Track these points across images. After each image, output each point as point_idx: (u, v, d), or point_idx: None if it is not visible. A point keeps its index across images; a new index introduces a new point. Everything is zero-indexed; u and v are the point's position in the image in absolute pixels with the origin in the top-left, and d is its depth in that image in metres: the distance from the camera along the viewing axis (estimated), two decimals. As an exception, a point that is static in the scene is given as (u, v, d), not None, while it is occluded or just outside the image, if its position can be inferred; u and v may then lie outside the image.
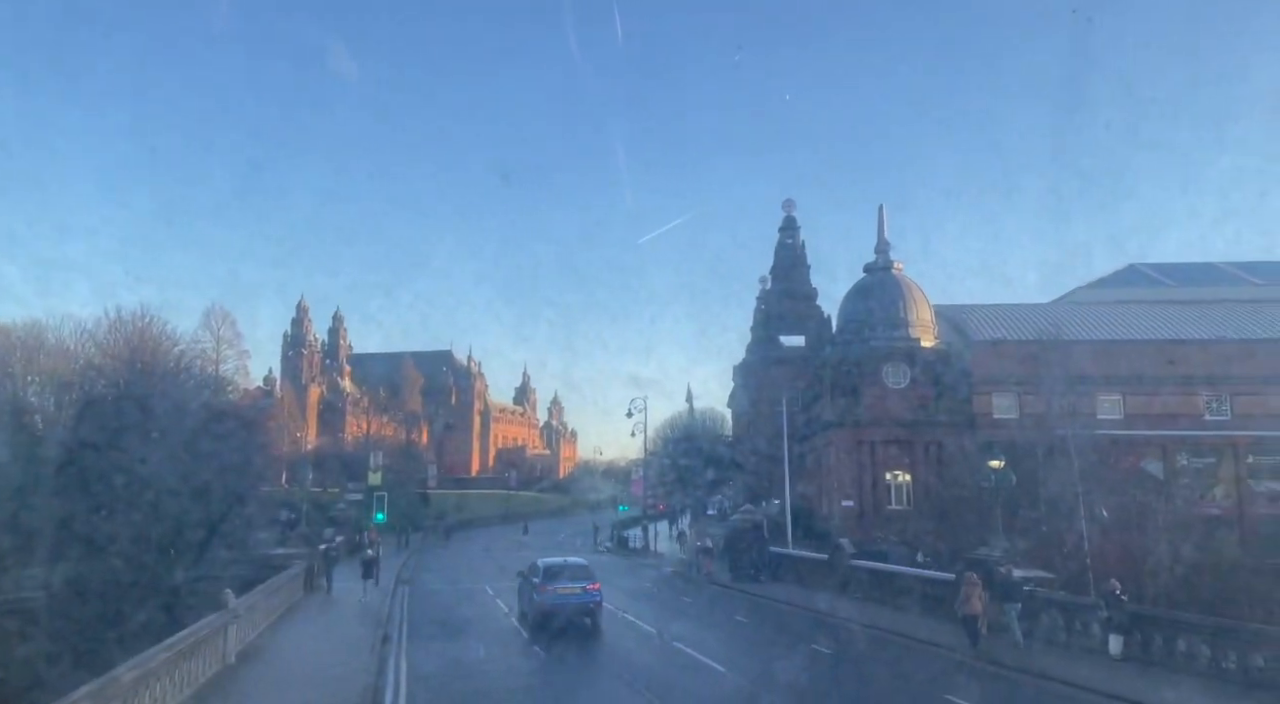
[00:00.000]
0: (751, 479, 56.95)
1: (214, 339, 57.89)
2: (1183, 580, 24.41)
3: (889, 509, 43.11)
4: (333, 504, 57.87)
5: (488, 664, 18.62)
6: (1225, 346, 43.04)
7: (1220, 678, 15.40)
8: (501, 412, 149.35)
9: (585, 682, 17.14)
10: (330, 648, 20.47)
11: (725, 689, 16.20)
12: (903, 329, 45.79)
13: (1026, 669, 17.40)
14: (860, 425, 44.31)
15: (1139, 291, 52.12)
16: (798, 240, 66.79)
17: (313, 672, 17.85)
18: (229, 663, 17.48)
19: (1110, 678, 16.08)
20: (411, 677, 17.13)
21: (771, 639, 23.06)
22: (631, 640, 21.92)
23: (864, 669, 18.62)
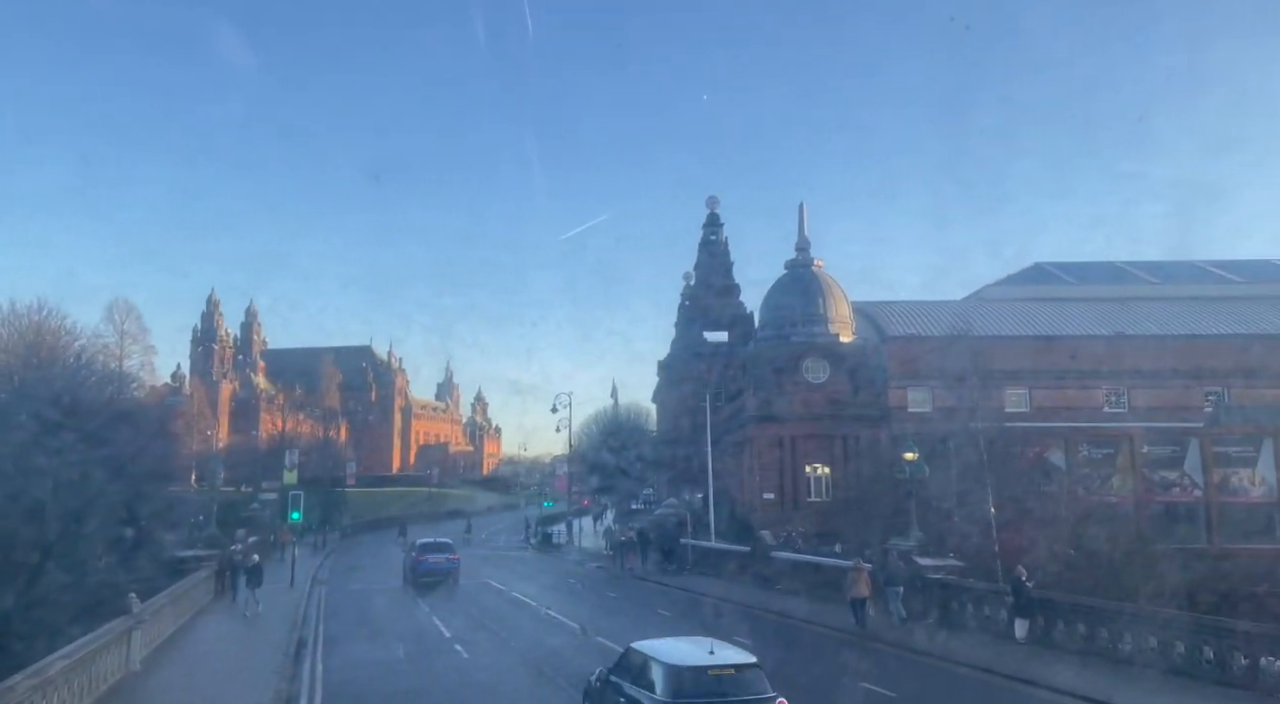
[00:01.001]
0: (675, 473, 57.38)
1: (117, 333, 55.38)
2: (1083, 567, 25.55)
3: (808, 501, 43.99)
4: (246, 504, 56.04)
5: (407, 665, 18.33)
6: (1123, 342, 45.18)
7: (1114, 658, 16.20)
8: (423, 408, 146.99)
9: (506, 680, 17.03)
10: (242, 651, 19.86)
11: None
12: (822, 325, 46.75)
13: (903, 645, 19.35)
14: (781, 419, 45.08)
15: (1044, 289, 54.23)
16: (721, 237, 67.51)
17: (223, 677, 17.28)
18: (133, 669, 16.82)
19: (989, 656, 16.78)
20: (328, 681, 16.75)
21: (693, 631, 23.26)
22: (554, 637, 21.87)
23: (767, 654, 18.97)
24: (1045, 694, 14.61)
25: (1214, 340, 45.02)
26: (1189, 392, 44.37)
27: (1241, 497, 43.25)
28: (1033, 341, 45.18)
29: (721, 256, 67.08)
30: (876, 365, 45.68)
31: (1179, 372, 44.22)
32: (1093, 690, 14.19)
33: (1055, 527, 27.97)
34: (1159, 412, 43.66)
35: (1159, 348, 44.94)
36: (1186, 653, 14.93)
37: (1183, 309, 48.99)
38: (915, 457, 25.64)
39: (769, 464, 45.03)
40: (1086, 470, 41.06)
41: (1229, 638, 14.39)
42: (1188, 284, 53.99)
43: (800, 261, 49.10)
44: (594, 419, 72.93)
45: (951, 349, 36.29)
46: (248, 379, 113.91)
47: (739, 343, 58.41)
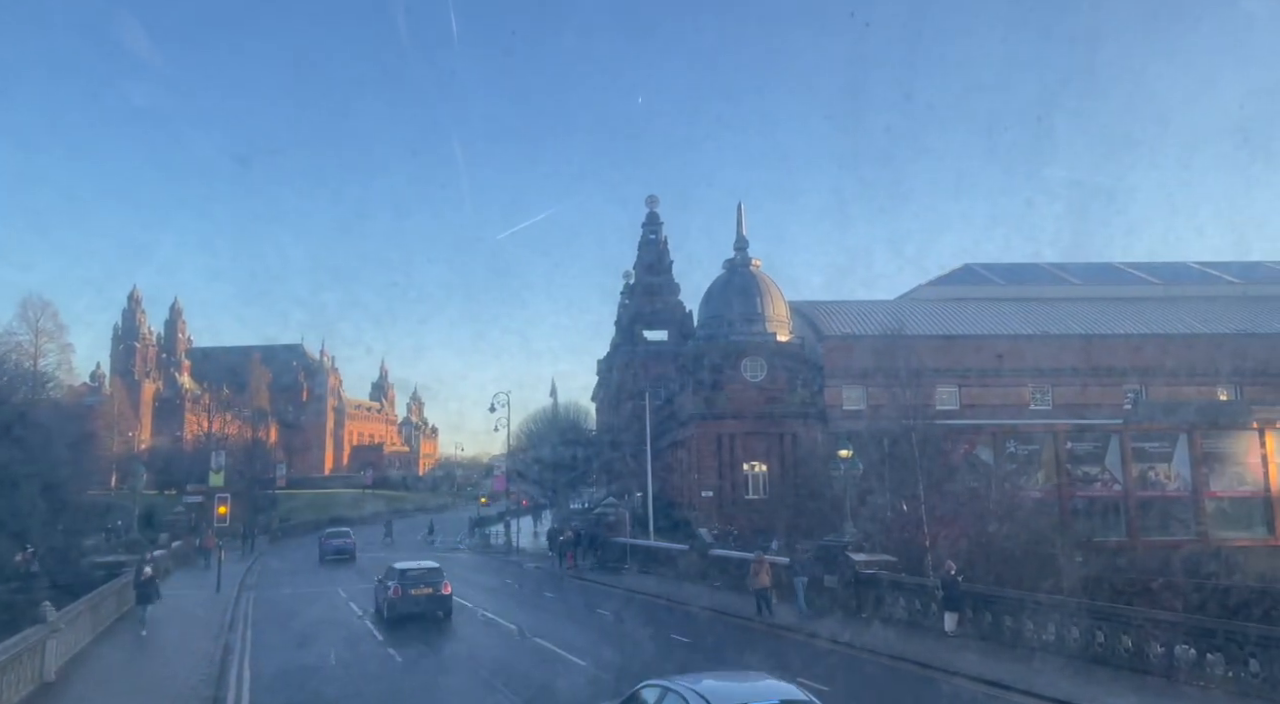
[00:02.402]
0: (615, 472, 57.38)
1: (32, 332, 53.08)
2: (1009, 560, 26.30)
3: (747, 499, 44.43)
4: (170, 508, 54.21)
5: (339, 670, 17.92)
6: (1048, 342, 46.72)
7: (1036, 647, 16.71)
8: (357, 408, 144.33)
9: (442, 683, 16.77)
10: (166, 659, 19.16)
11: (581, 679, 16.23)
12: (760, 324, 47.24)
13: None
14: (719, 418, 45.43)
15: (973, 289, 55.78)
16: (660, 236, 67.76)
17: (146, 685, 16.66)
18: (48, 680, 16.09)
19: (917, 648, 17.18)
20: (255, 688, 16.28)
21: (630, 629, 23.30)
22: (491, 638, 21.63)
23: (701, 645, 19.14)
24: (967, 683, 14.98)
25: (1134, 339, 46.85)
26: (1110, 389, 46.13)
27: (1158, 491, 45.16)
28: (962, 341, 46.42)
29: (661, 256, 67.32)
30: (813, 364, 46.38)
31: (1101, 370, 45.94)
32: (1014, 679, 14.63)
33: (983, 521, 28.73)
34: (1082, 409, 45.30)
35: (1082, 347, 46.60)
36: (1105, 640, 15.47)
37: (1105, 310, 50.87)
38: (850, 454, 26.05)
39: (708, 462, 45.34)
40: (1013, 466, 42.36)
41: (1146, 626, 14.97)
42: (1110, 286, 56.10)
43: (738, 261, 49.54)
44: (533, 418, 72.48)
45: (885, 348, 37.01)
46: (172, 378, 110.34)
47: (679, 341, 58.71)
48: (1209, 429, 44.98)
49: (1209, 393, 46.73)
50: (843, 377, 44.97)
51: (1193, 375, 45.73)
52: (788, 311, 48.81)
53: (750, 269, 49.31)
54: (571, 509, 59.56)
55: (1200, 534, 42.86)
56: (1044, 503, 39.71)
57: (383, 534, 58.14)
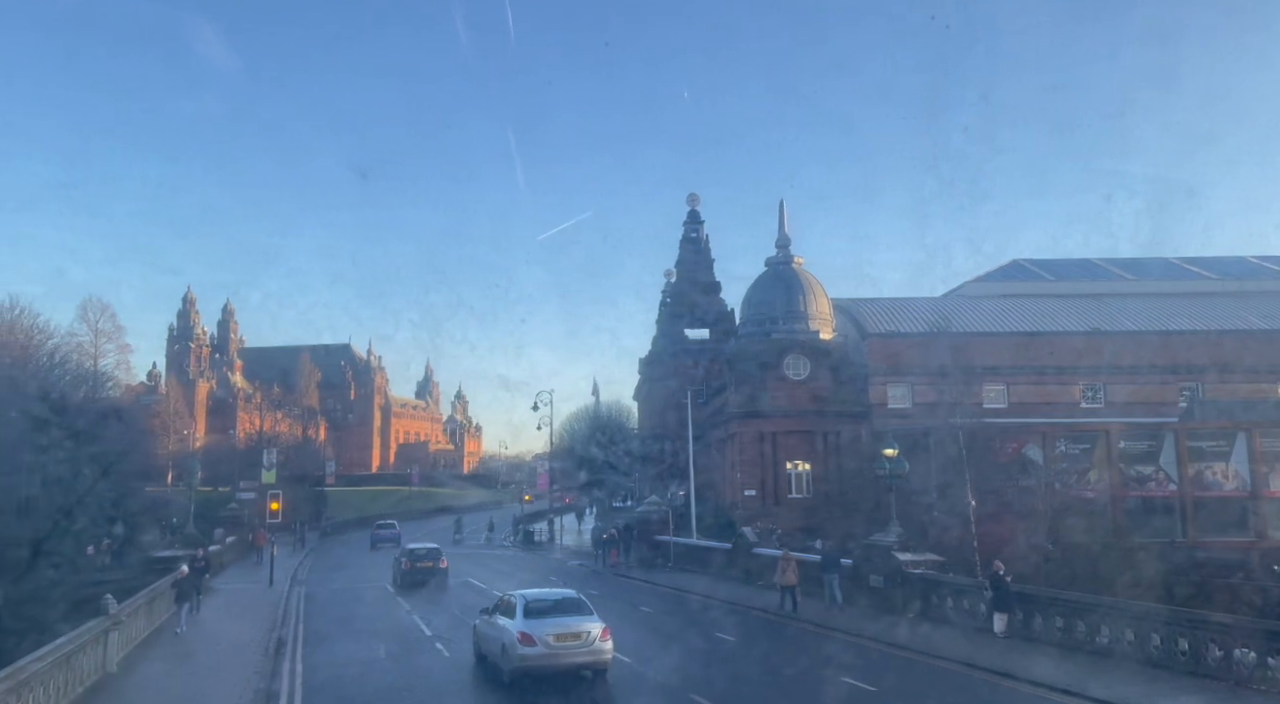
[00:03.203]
0: (658, 470, 57.45)
1: (92, 332, 54.69)
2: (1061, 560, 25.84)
3: (790, 497, 44.19)
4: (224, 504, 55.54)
5: (388, 663, 18.24)
6: (1100, 338, 45.71)
7: (1094, 651, 16.39)
8: (403, 406, 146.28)
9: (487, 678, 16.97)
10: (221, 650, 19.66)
11: (626, 676, 16.31)
12: (803, 322, 46.94)
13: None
14: (762, 416, 45.23)
15: (1022, 285, 54.78)
16: (702, 234, 67.68)
17: (204, 674, 17.12)
18: (110, 671, 16.62)
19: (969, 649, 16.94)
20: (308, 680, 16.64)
21: (673, 627, 23.36)
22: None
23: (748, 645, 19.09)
24: (1023, 687, 14.74)
25: (1189, 336, 45.63)
26: (1164, 387, 44.96)
27: (1215, 491, 43.91)
28: (1011, 338, 45.61)
29: (703, 254, 67.24)
30: (857, 362, 45.94)
31: (1154, 367, 44.80)
32: (1068, 682, 14.33)
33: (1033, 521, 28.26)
34: (1135, 407, 44.22)
35: (1135, 343, 45.50)
36: (1162, 644, 15.12)
37: (1158, 305, 49.63)
38: (895, 452, 25.75)
39: (750, 461, 45.18)
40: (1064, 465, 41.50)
41: (1203, 629, 14.59)
42: (1163, 281, 54.72)
43: (780, 259, 49.27)
44: (576, 416, 72.92)
45: (931, 345, 36.59)
46: (225, 378, 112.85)
47: (720, 340, 58.57)
48: (1269, 427, 43.64)
49: (1268, 390, 45.35)
50: (888, 374, 44.50)
51: (1251, 372, 44.43)
52: (831, 309, 48.44)
53: (792, 267, 49.02)
54: (614, 507, 59.78)
55: (1260, 535, 41.60)
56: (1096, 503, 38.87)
57: (452, 532, 59.08)
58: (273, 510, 34.78)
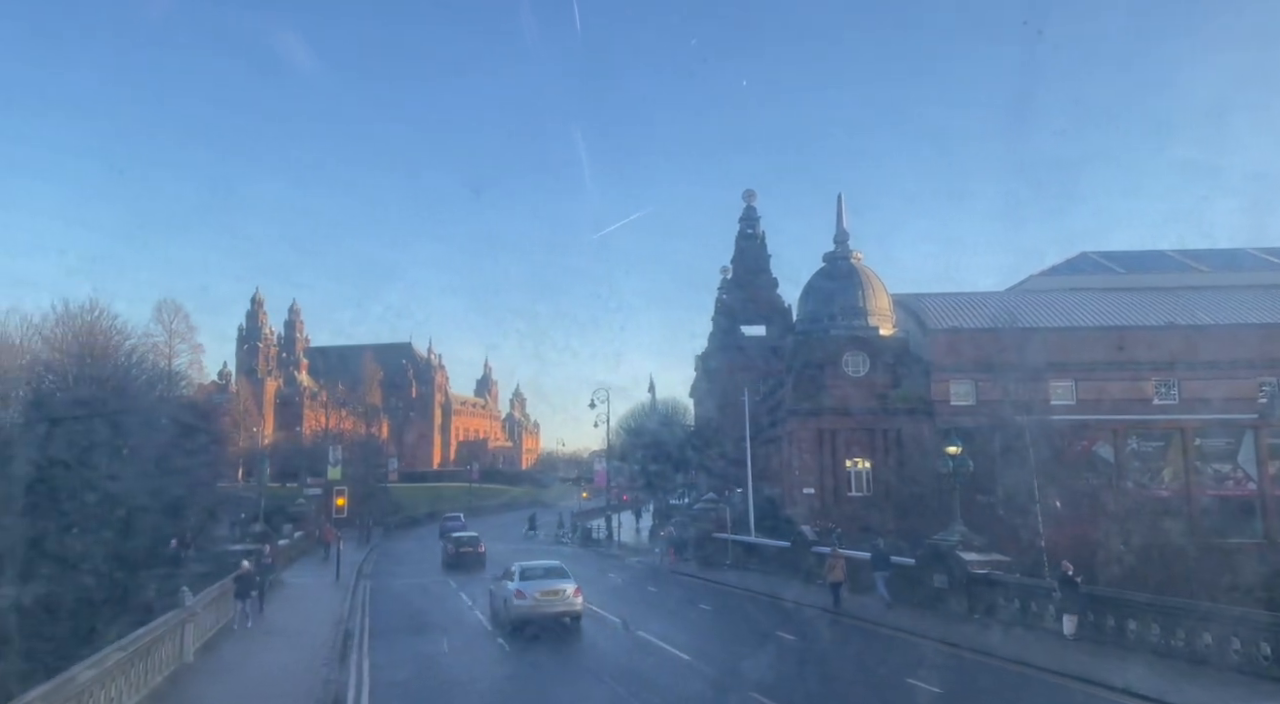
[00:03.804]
0: (715, 468, 57.25)
1: (166, 332, 56.59)
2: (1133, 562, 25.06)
3: (849, 496, 43.64)
4: (292, 500, 57.07)
5: (451, 657, 18.54)
6: (1173, 332, 44.11)
7: (1169, 655, 15.85)
8: (463, 404, 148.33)
9: (548, 673, 17.13)
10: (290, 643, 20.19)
11: (688, 676, 16.31)
12: (862, 318, 46.30)
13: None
14: (821, 414, 44.74)
15: (1090, 279, 53.15)
16: (758, 231, 67.18)
17: (275, 666, 17.61)
18: (187, 661, 17.21)
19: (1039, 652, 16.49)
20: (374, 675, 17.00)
21: (733, 626, 23.30)
22: (596, 631, 21.96)
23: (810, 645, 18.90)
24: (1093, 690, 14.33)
25: (1269, 328, 43.71)
26: (1243, 382, 43.12)
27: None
28: (1080, 332, 44.28)
29: (759, 250, 66.75)
30: (918, 358, 45.13)
31: (1232, 361, 42.98)
32: (1146, 688, 13.87)
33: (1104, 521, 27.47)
34: (1212, 403, 42.52)
35: (1211, 337, 43.77)
36: (1243, 649, 14.56)
37: (1235, 297, 47.68)
38: (959, 450, 25.25)
39: (809, 458, 44.74)
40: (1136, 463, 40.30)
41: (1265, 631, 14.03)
42: (1240, 272, 52.55)
43: (839, 254, 48.65)
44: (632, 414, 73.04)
45: (996, 341, 35.79)
46: (291, 376, 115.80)
47: (778, 336, 58.10)
48: (1357, 424, 41.67)
49: (1356, 386, 43.26)
50: (950, 371, 43.60)
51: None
52: (891, 305, 47.67)
53: (851, 262, 48.36)
54: (671, 505, 59.80)
55: (1348, 536, 39.80)
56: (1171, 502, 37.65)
57: (526, 528, 60.01)
58: (339, 506, 35.62)
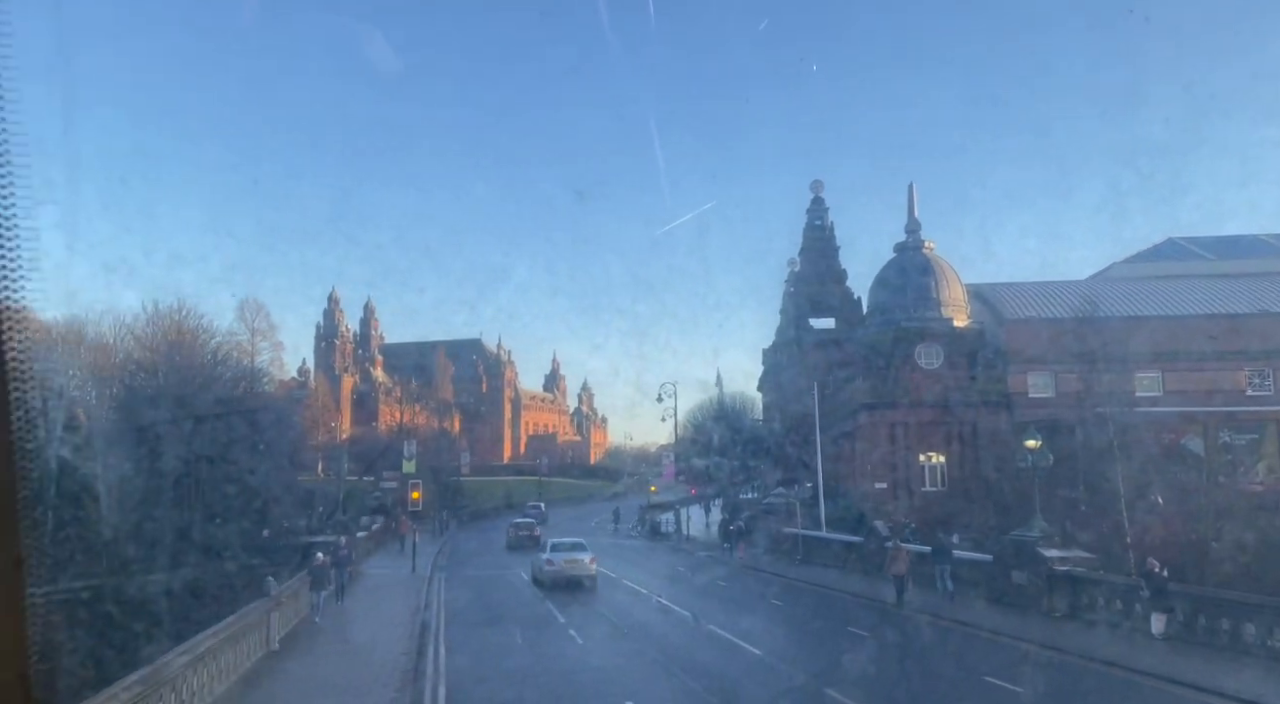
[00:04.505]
0: (783, 462, 56.77)
1: (248, 331, 58.59)
2: (1226, 559, 24.02)
3: (923, 490, 42.82)
4: (370, 493, 58.62)
5: (525, 648, 18.81)
6: (1268, 319, 42.06)
7: (1266, 656, 15.17)
8: (532, 399, 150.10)
9: (620, 665, 17.26)
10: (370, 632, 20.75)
11: (760, 671, 16.24)
12: (935, 309, 45.32)
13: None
14: (892, 407, 43.97)
15: (1178, 265, 51.02)
16: (826, 222, 66.17)
17: (356, 654, 18.13)
18: (273, 648, 17.83)
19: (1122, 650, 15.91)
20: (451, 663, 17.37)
21: (804, 621, 23.10)
22: (667, 625, 22.04)
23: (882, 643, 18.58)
24: (1185, 692, 13.80)
25: (1374, 316, 41.36)
26: (1345, 372, 40.95)
27: None
28: (1167, 321, 42.49)
29: (827, 242, 65.77)
30: (994, 350, 43.98)
31: (1334, 350, 40.83)
32: (1242, 690, 13.29)
33: (1195, 517, 26.39)
34: (1311, 394, 40.44)
35: (1310, 325, 41.63)
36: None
37: (1337, 283, 45.21)
38: (1038, 444, 24.54)
39: (881, 453, 44.03)
40: (1228, 457, 38.57)
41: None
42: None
43: (910, 244, 47.68)
44: (700, 408, 72.92)
45: (1076, 331, 34.65)
46: (367, 372, 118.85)
47: (847, 329, 57.23)
48: None
49: None
50: (1028, 362, 42.34)
51: None
52: (965, 295, 46.53)
53: (923, 252, 47.35)
54: (740, 499, 59.52)
55: None
56: (1265, 497, 35.91)
57: (613, 521, 61.09)
58: (414, 499, 36.41)
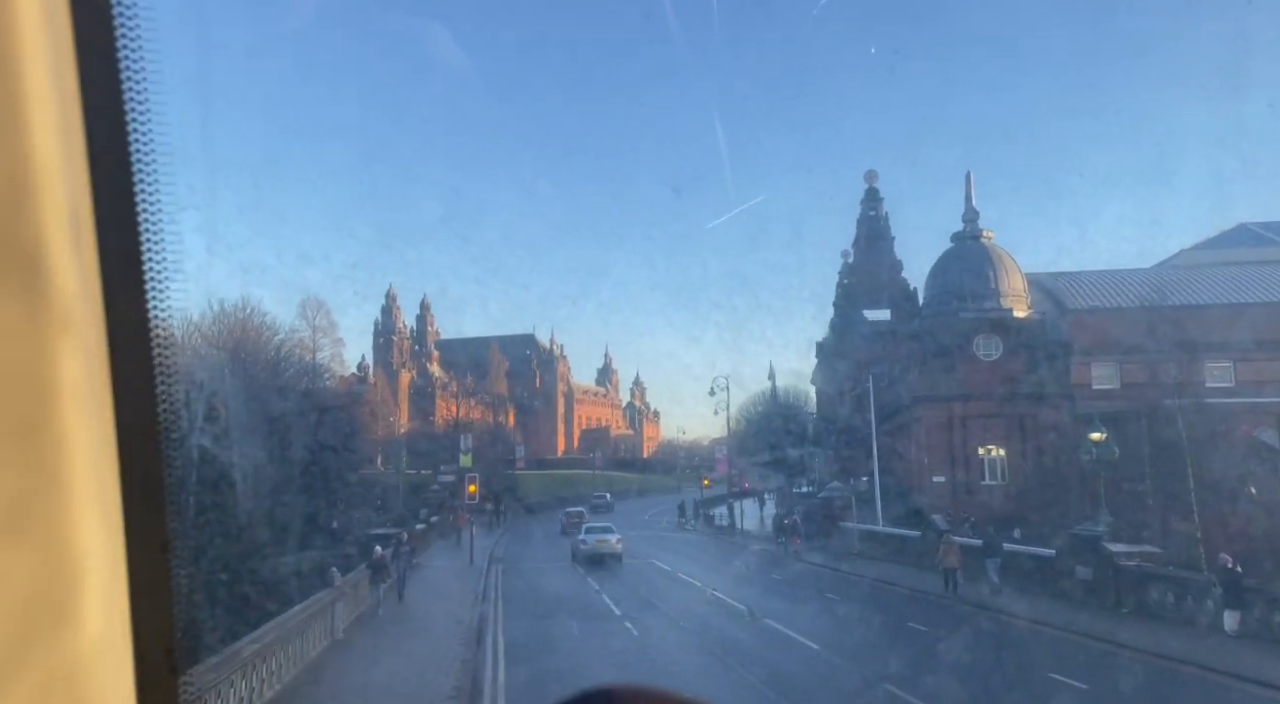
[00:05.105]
0: (838, 456, 56.27)
1: (310, 328, 59.98)
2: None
3: (982, 484, 42.06)
4: (427, 486, 59.62)
5: (581, 639, 18.97)
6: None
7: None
8: (584, 393, 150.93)
9: (676, 657, 17.31)
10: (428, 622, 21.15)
11: (817, 665, 16.16)
12: (993, 299, 44.41)
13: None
14: (950, 399, 43.22)
15: (1249, 252, 49.17)
16: (880, 212, 65.36)
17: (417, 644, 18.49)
18: (337, 637, 18.28)
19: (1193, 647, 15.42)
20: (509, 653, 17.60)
21: (861, 615, 22.86)
22: (721, 618, 22.03)
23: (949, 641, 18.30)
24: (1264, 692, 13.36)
25: None
26: None
27: None
28: (1240, 309, 40.97)
29: (881, 232, 64.95)
30: (1056, 340, 42.92)
31: None
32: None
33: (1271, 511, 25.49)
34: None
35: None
36: None
37: None
38: (1103, 436, 23.94)
39: (938, 446, 43.35)
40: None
41: None
42: None
43: (968, 233, 46.75)
44: (752, 401, 72.52)
45: (1142, 320, 33.67)
46: (424, 368, 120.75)
47: (903, 321, 56.38)
48: None
49: None
50: (1091, 353, 41.23)
51: None
52: (1025, 285, 45.49)
53: (981, 241, 46.39)
54: (795, 493, 59.15)
55: None
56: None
57: (679, 516, 61.52)
58: (470, 492, 36.97)
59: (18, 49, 0.69)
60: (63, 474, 0.71)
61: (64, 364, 0.72)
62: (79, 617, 0.73)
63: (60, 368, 0.72)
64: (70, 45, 0.81)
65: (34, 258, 0.70)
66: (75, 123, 0.81)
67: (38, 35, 0.72)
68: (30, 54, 0.70)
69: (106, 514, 0.81)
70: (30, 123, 0.69)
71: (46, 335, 0.71)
